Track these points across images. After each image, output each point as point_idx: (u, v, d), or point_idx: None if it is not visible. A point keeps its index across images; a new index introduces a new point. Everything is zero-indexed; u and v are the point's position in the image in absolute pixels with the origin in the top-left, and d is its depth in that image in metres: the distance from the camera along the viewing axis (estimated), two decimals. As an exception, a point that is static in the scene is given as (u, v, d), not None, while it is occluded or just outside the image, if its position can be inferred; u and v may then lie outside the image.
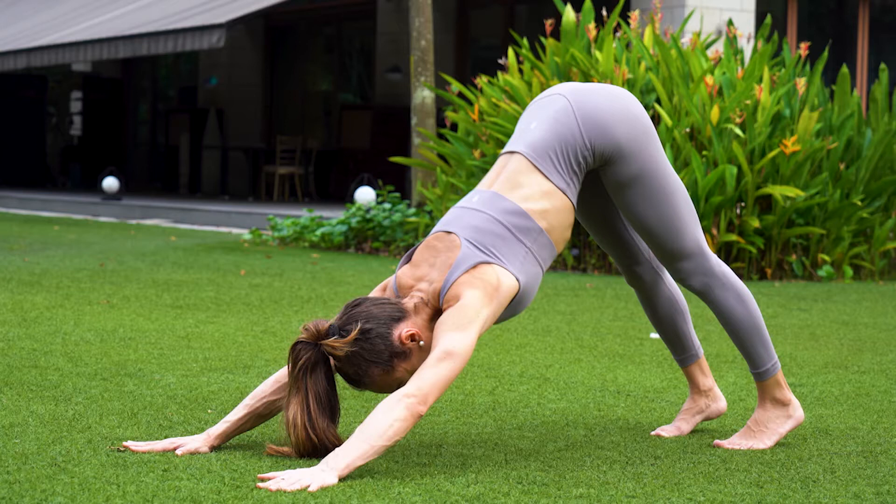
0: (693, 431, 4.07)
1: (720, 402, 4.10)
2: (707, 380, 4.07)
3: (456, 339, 3.39)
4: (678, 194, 3.75)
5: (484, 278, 3.48)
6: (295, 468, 3.32)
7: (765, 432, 3.87)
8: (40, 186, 24.06)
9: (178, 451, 3.49)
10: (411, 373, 3.49)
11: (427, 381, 3.35)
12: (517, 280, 3.53)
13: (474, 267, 3.49)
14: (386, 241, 11.29)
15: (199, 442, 3.54)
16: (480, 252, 3.51)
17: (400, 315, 3.50)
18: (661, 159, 3.73)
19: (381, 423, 3.28)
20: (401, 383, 3.50)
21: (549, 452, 3.69)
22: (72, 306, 6.63)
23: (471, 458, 3.57)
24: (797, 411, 3.92)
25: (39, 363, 4.86)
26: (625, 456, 3.68)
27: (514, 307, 3.59)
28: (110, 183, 18.23)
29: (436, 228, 3.63)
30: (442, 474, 3.37)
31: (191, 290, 7.59)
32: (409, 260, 3.62)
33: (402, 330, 3.48)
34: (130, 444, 3.52)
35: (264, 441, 3.70)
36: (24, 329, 5.76)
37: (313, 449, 3.45)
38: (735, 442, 3.86)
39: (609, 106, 3.68)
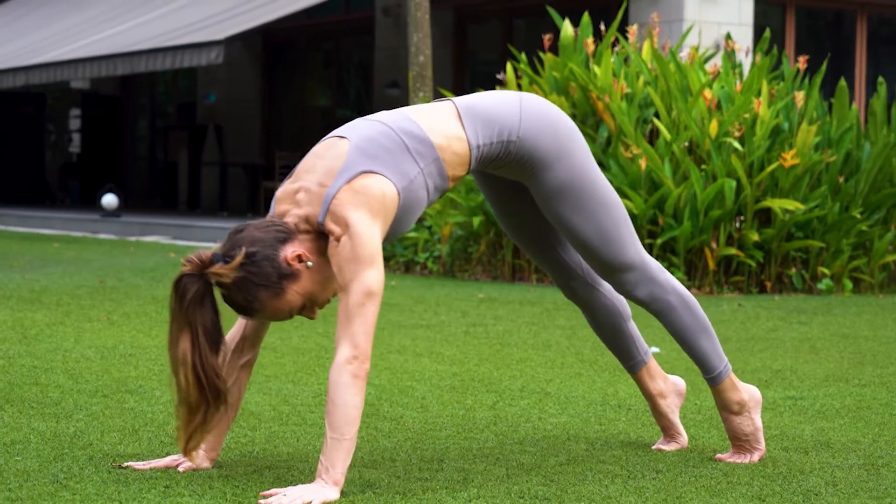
0: (694, 445, 4.07)
1: (678, 386, 4.07)
2: (656, 383, 4.02)
3: (369, 276, 3.32)
4: (614, 206, 3.71)
5: (367, 192, 3.37)
6: (296, 484, 3.32)
7: (748, 440, 3.87)
8: (39, 203, 24.06)
9: (180, 468, 3.49)
10: (303, 295, 3.40)
11: (359, 333, 3.29)
12: (397, 190, 3.42)
13: (354, 179, 3.38)
14: (384, 257, 11.27)
15: (199, 458, 3.53)
16: (365, 159, 3.41)
17: (285, 237, 3.40)
18: (594, 172, 3.69)
19: (342, 408, 3.25)
20: (292, 308, 3.40)
21: (551, 467, 3.69)
22: (72, 323, 6.62)
23: (472, 473, 3.57)
24: (753, 397, 3.90)
25: (40, 380, 4.86)
26: (626, 470, 3.67)
27: (394, 227, 3.48)
28: (109, 200, 18.23)
29: (330, 134, 3.54)
30: (444, 489, 3.37)
31: (191, 307, 7.58)
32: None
33: (289, 251, 3.39)
34: (132, 464, 3.52)
35: (266, 457, 3.70)
36: (25, 346, 5.75)
37: (198, 391, 3.32)
38: (731, 459, 3.86)
39: (552, 113, 3.66)
